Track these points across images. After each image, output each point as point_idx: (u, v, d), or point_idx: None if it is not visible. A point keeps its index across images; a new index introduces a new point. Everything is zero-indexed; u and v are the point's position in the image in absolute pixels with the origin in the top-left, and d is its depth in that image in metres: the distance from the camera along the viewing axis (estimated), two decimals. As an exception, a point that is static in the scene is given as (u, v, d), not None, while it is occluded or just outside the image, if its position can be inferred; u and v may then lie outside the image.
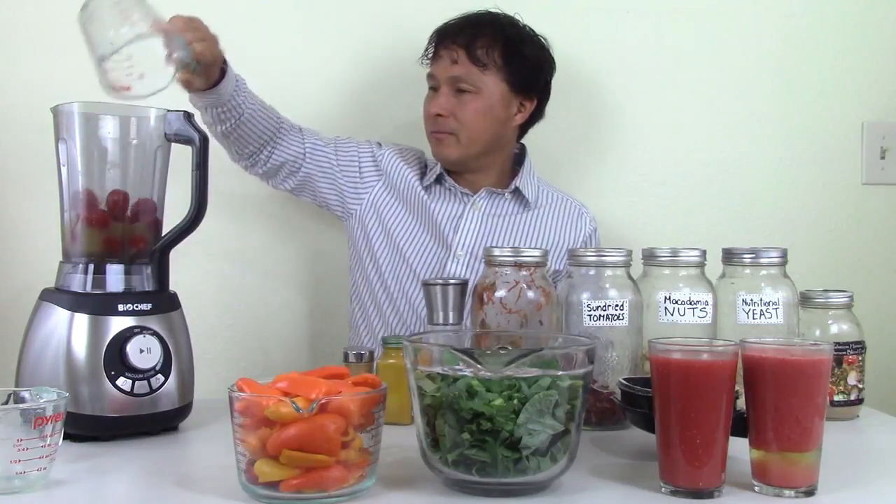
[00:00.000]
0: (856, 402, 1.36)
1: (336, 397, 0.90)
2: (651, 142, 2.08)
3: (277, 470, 0.89)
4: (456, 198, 1.78)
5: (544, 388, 0.91)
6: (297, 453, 0.89)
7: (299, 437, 0.88)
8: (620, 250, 1.28)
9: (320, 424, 0.89)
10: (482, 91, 1.70)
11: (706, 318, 1.27)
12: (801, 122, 2.12)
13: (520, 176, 1.80)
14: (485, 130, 1.73)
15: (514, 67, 1.71)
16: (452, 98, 1.70)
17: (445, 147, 1.73)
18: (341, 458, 0.90)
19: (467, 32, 1.70)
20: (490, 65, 1.69)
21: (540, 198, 1.82)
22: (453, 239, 1.73)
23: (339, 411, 0.90)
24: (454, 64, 1.69)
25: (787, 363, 0.95)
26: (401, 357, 1.24)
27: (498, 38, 1.70)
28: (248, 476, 0.91)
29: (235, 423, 0.92)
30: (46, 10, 1.89)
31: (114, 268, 1.22)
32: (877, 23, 2.13)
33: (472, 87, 1.69)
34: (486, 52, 1.69)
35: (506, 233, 1.76)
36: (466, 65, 1.69)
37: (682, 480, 0.95)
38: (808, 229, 2.12)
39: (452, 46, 1.70)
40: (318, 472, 0.90)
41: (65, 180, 1.25)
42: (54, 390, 0.99)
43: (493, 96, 1.71)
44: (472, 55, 1.69)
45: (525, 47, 1.73)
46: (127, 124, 1.26)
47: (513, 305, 1.26)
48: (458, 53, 1.69)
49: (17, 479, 0.93)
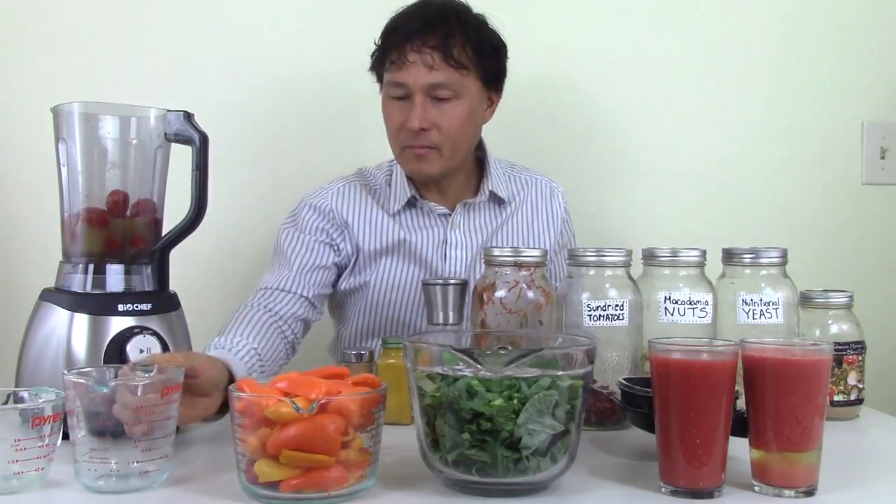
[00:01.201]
0: (856, 402, 1.36)
1: (336, 397, 0.90)
2: (651, 141, 2.08)
3: (277, 470, 0.89)
4: (433, 220, 1.63)
5: (544, 388, 0.91)
6: (298, 453, 0.89)
7: (299, 438, 0.88)
8: (620, 250, 1.28)
9: (320, 424, 0.89)
10: (462, 95, 1.52)
11: (706, 318, 1.27)
12: (801, 122, 2.12)
13: (488, 176, 1.64)
14: (467, 137, 1.57)
15: (487, 63, 1.55)
16: (431, 107, 1.51)
17: (427, 163, 1.55)
18: (341, 458, 0.90)
19: (438, 32, 1.49)
20: (469, 64, 1.51)
21: (511, 189, 1.69)
22: (443, 268, 1.61)
23: (339, 411, 0.90)
24: (431, 70, 1.49)
25: (787, 363, 0.95)
26: (401, 357, 1.24)
27: (470, 35, 1.52)
28: (248, 476, 0.91)
29: (235, 423, 0.92)
30: (46, 10, 1.89)
31: (114, 268, 1.22)
32: (877, 23, 2.13)
33: (452, 94, 1.51)
34: (463, 51, 1.50)
35: (491, 244, 1.64)
36: (445, 69, 1.49)
37: (682, 480, 0.95)
38: (808, 229, 2.11)
39: (425, 50, 1.49)
40: (318, 472, 0.90)
41: (65, 180, 1.25)
42: (53, 390, 0.99)
43: (473, 99, 1.54)
44: (449, 57, 1.49)
45: (489, 35, 1.56)
46: (127, 124, 1.26)
47: (513, 305, 1.25)
48: (434, 57, 1.49)
49: (16, 480, 0.93)
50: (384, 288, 1.63)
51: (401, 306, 1.63)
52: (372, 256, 1.62)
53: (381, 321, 1.64)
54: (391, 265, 1.63)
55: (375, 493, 0.95)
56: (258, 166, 1.99)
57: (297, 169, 2.00)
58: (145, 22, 1.94)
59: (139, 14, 1.94)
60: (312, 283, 1.58)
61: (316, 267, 1.59)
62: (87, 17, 1.92)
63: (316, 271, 1.59)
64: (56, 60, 1.89)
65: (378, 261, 1.63)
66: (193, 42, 1.96)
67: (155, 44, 1.94)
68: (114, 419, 0.93)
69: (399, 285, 1.62)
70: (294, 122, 2.00)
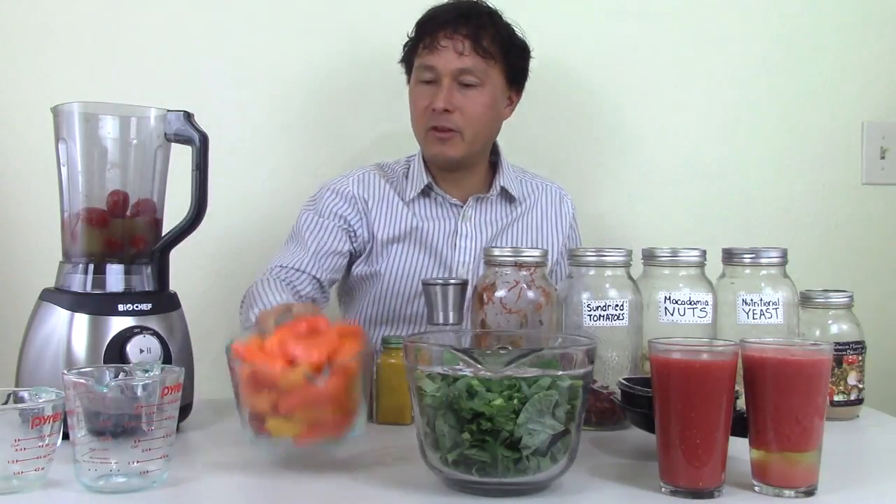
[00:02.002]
0: (856, 402, 1.36)
1: (342, 361, 0.98)
2: (651, 141, 2.08)
3: (290, 426, 0.97)
4: (445, 210, 1.71)
5: (544, 388, 0.91)
6: (311, 413, 0.97)
7: (312, 400, 0.96)
8: (620, 250, 1.28)
9: (331, 387, 0.96)
10: (486, 85, 1.63)
11: (706, 318, 1.27)
12: (801, 122, 2.12)
13: (501, 174, 1.73)
14: (487, 127, 1.67)
15: (511, 59, 1.67)
16: (457, 92, 1.62)
17: (449, 146, 1.64)
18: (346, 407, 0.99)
19: (471, 23, 1.62)
20: (496, 56, 1.63)
21: (522, 191, 1.76)
22: (452, 257, 1.68)
23: (344, 372, 0.97)
24: (461, 55, 1.60)
25: (787, 363, 0.95)
26: (401, 357, 1.24)
27: (499, 29, 1.65)
28: (259, 431, 1.00)
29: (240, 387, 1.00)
30: (46, 10, 1.89)
31: (114, 268, 1.22)
32: (877, 23, 2.13)
33: (477, 81, 1.62)
34: (492, 43, 1.62)
35: (500, 241, 1.71)
36: (474, 56, 1.61)
37: (682, 480, 0.95)
38: (808, 229, 2.12)
39: (457, 37, 1.61)
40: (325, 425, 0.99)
41: (65, 180, 1.25)
42: (53, 390, 0.98)
43: (496, 90, 1.65)
44: (478, 46, 1.61)
45: (516, 38, 1.69)
46: (127, 124, 1.26)
47: (513, 305, 1.25)
48: (465, 44, 1.60)
49: (16, 479, 0.93)
50: (395, 276, 1.69)
51: (410, 297, 1.68)
52: (385, 244, 1.69)
53: (390, 310, 1.69)
54: (403, 253, 1.69)
55: (376, 494, 0.95)
56: (258, 166, 1.99)
57: (297, 169, 2.00)
58: (145, 22, 1.94)
59: (139, 14, 1.94)
60: (326, 266, 1.66)
61: (331, 252, 1.66)
62: (87, 17, 1.92)
63: (331, 256, 1.66)
64: (56, 60, 1.89)
65: (390, 248, 1.69)
66: (193, 42, 1.96)
67: (155, 44, 1.94)
68: (114, 419, 0.93)
69: (409, 274, 1.68)
70: (294, 123, 2.00)
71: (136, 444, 0.94)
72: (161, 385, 0.96)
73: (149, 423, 0.94)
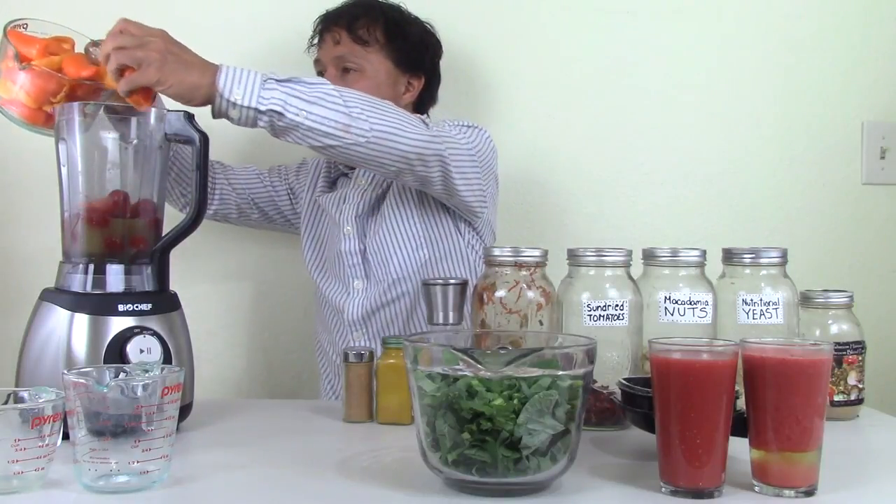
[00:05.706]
0: (856, 402, 1.36)
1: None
2: (651, 141, 2.08)
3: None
4: (341, 183, 1.80)
5: (544, 388, 0.91)
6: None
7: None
8: (620, 250, 1.28)
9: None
10: (366, 69, 1.71)
11: (706, 318, 1.27)
12: (801, 122, 2.12)
13: None
14: None
15: (398, 45, 1.73)
16: (339, 79, 1.69)
17: None
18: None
19: (348, 14, 1.73)
20: (372, 42, 1.71)
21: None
22: (339, 218, 1.72)
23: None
24: (337, 45, 1.71)
25: (787, 363, 0.95)
26: (401, 357, 1.24)
27: (378, 18, 1.73)
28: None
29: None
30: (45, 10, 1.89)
31: (114, 268, 1.22)
32: (877, 23, 2.13)
33: (355, 65, 1.70)
34: (368, 31, 1.71)
35: (390, 194, 1.70)
36: (349, 44, 1.70)
37: (682, 480, 0.95)
38: (808, 229, 2.12)
39: (334, 29, 1.72)
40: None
41: (65, 180, 1.25)
42: (53, 390, 0.98)
43: (379, 74, 1.72)
44: (353, 34, 1.71)
45: (407, 26, 1.76)
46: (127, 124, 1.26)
47: (513, 305, 1.25)
48: (341, 34, 1.71)
49: (16, 480, 0.93)
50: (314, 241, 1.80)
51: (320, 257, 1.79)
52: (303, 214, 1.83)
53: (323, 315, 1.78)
54: (317, 218, 1.81)
55: (376, 494, 0.95)
56: (258, 166, 1.99)
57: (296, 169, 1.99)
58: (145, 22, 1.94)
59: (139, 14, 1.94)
60: (253, 183, 1.86)
61: (266, 184, 1.87)
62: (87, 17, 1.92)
63: (264, 183, 1.87)
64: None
65: (307, 217, 1.82)
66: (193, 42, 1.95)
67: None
68: (114, 419, 0.93)
69: (326, 238, 1.78)
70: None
71: (136, 444, 0.94)
72: (161, 385, 0.96)
73: (149, 423, 0.94)
